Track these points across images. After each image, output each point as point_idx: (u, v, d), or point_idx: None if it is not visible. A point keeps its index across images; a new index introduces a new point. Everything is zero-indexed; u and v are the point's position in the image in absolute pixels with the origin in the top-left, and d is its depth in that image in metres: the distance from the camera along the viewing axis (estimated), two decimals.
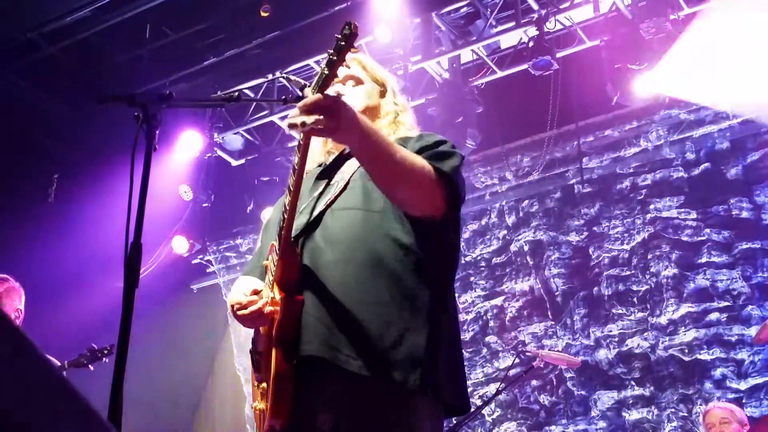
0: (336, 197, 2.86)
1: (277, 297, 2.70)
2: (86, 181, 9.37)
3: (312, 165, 3.14)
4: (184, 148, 9.07)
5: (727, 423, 6.11)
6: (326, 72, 2.55)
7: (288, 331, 2.66)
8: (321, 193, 2.94)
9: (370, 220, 2.77)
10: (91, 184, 9.19)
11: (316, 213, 2.85)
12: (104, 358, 6.04)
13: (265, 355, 2.77)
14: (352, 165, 2.95)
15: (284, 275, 2.74)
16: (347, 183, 2.89)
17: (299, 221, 2.85)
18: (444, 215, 2.82)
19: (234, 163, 9.70)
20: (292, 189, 2.70)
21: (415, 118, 3.40)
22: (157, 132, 2.83)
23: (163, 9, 8.69)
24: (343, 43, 2.54)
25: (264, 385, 2.79)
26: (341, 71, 2.86)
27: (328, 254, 2.75)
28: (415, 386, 2.54)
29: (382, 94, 3.27)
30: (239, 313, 2.79)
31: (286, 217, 2.71)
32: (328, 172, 3.03)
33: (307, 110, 2.47)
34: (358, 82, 3.21)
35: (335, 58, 2.55)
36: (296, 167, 2.70)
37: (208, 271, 11.15)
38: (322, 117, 2.46)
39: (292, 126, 2.51)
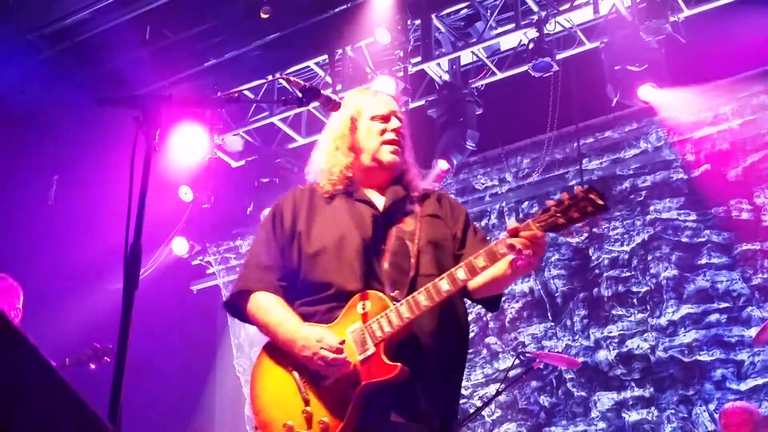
0: (417, 261, 3.17)
1: (385, 359, 2.96)
2: (86, 183, 9.37)
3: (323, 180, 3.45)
4: (184, 150, 9.06)
5: (746, 424, 6.08)
6: (561, 222, 2.90)
7: (383, 391, 2.96)
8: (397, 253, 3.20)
9: (416, 302, 3.05)
10: (91, 186, 9.19)
11: (410, 276, 3.14)
12: (106, 357, 6.02)
13: (334, 393, 2.99)
14: (411, 224, 3.26)
15: (393, 342, 3.01)
16: (418, 248, 3.20)
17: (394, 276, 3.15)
18: None
19: (234, 164, 9.69)
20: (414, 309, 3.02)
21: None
22: (157, 133, 2.83)
23: (164, 11, 8.69)
24: (590, 210, 2.92)
25: (312, 411, 2.98)
26: (394, 122, 3.35)
27: (426, 324, 3.08)
28: None
29: None
30: (318, 362, 2.97)
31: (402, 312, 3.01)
32: (386, 221, 3.27)
33: (538, 247, 2.91)
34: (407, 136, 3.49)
35: (573, 217, 2.91)
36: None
37: (207, 272, 11.15)
38: (536, 257, 2.92)
39: (511, 247, 2.91)
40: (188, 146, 9.08)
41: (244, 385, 10.84)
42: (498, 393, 6.53)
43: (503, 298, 8.92)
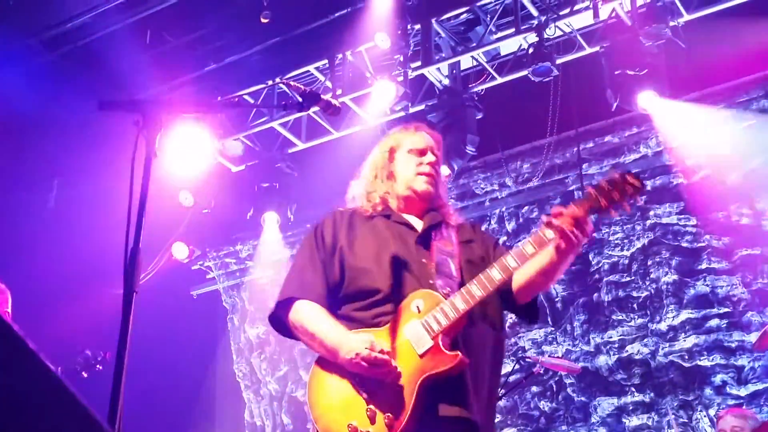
0: (461, 273, 3.31)
1: (445, 350, 3.06)
2: (86, 187, 9.37)
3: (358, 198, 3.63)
4: (185, 154, 9.05)
5: (741, 430, 6.07)
6: (603, 204, 3.12)
7: (445, 384, 3.05)
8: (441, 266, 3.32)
9: (491, 301, 3.23)
10: (92, 190, 9.19)
11: (457, 282, 3.25)
12: (98, 365, 5.96)
13: (395, 389, 3.06)
14: (450, 245, 3.41)
15: (450, 334, 3.11)
16: (459, 265, 3.35)
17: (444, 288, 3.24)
18: None
19: (234, 169, 9.69)
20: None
21: None
22: (158, 138, 2.83)
23: (164, 15, 8.69)
24: (630, 191, 3.12)
25: (376, 409, 3.05)
26: (429, 156, 3.55)
27: (478, 326, 3.22)
28: None
29: None
30: (362, 363, 3.05)
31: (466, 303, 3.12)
32: (426, 241, 3.42)
33: (582, 228, 3.10)
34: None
35: (614, 199, 3.11)
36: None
37: (207, 277, 11.15)
38: (581, 236, 3.10)
39: (549, 225, 3.10)
40: (188, 151, 9.08)
41: (244, 390, 10.85)
42: (498, 398, 6.51)
43: None
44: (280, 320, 3.40)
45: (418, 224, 3.50)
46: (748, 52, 7.65)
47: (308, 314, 3.28)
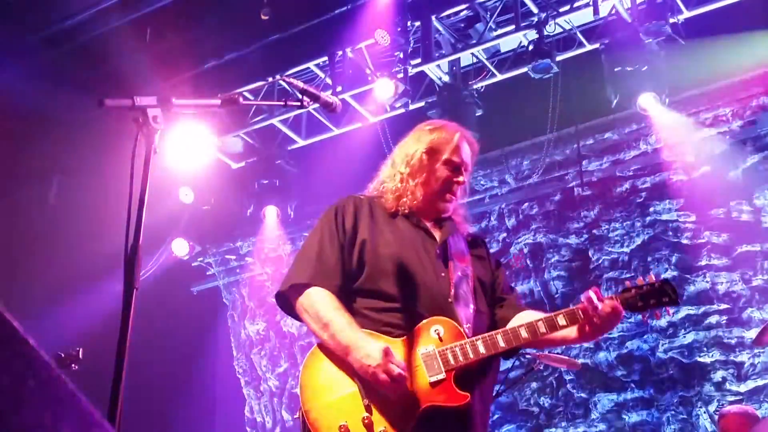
0: (474, 297, 3.37)
1: (456, 388, 3.09)
2: (86, 184, 9.37)
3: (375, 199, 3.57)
4: (185, 151, 9.05)
5: (743, 426, 6.06)
6: (639, 304, 3.27)
7: (448, 417, 3.07)
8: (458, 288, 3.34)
9: (494, 342, 3.22)
10: (92, 187, 9.19)
11: (472, 310, 3.32)
12: (73, 364, 5.87)
13: (397, 407, 3.06)
14: (464, 260, 3.43)
15: (462, 372, 3.13)
16: (474, 285, 3.39)
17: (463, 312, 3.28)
18: None
19: (234, 165, 9.70)
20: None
21: None
22: (157, 135, 2.83)
23: (164, 13, 8.69)
24: (665, 300, 3.27)
25: (373, 420, 3.04)
26: (462, 175, 3.56)
27: (487, 366, 3.26)
28: None
29: None
30: (382, 376, 3.03)
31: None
32: (444, 253, 3.42)
33: (613, 317, 3.20)
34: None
35: (650, 303, 3.28)
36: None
37: (207, 273, 11.15)
38: (609, 328, 3.25)
39: (585, 310, 3.20)
40: (188, 148, 9.08)
41: (244, 386, 10.85)
42: (498, 394, 6.50)
43: None
44: (286, 298, 3.35)
45: (435, 232, 3.49)
46: (747, 49, 7.66)
47: (324, 302, 3.22)
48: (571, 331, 3.30)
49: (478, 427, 3.15)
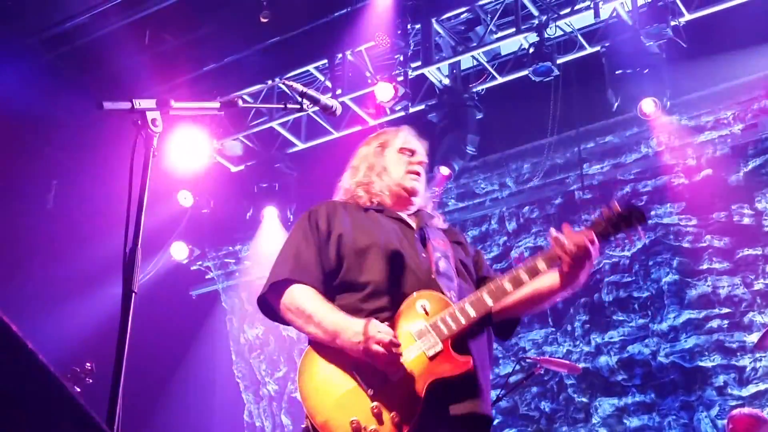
0: (457, 273, 3.36)
1: (456, 355, 3.07)
2: (85, 187, 9.36)
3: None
4: (184, 155, 9.04)
5: (753, 429, 6.03)
6: (609, 230, 3.28)
7: (455, 384, 3.05)
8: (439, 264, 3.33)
9: (480, 301, 3.19)
10: (90, 190, 9.18)
11: (456, 284, 3.30)
12: (87, 378, 5.89)
13: (401, 388, 3.02)
14: (443, 245, 3.44)
15: (458, 339, 3.11)
16: (455, 265, 3.38)
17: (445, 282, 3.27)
18: None
19: (233, 169, 9.68)
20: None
21: None
22: (156, 138, 2.82)
23: (163, 15, 8.68)
24: (636, 221, 3.30)
25: (382, 407, 2.99)
26: (418, 157, 3.67)
27: (480, 328, 3.24)
28: None
29: None
30: (372, 347, 2.99)
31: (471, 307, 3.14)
32: (422, 238, 3.44)
33: (588, 251, 3.18)
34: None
35: (620, 230, 3.28)
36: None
37: (207, 277, 11.14)
38: (589, 259, 3.21)
39: (557, 241, 3.18)
40: (188, 151, 9.06)
41: (243, 390, 10.83)
42: (499, 399, 6.50)
43: None
44: (268, 302, 3.32)
45: (411, 220, 3.52)
46: (749, 52, 7.64)
47: (305, 296, 3.19)
48: (555, 278, 3.28)
49: (483, 386, 3.14)
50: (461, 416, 3.05)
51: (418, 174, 3.62)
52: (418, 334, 3.09)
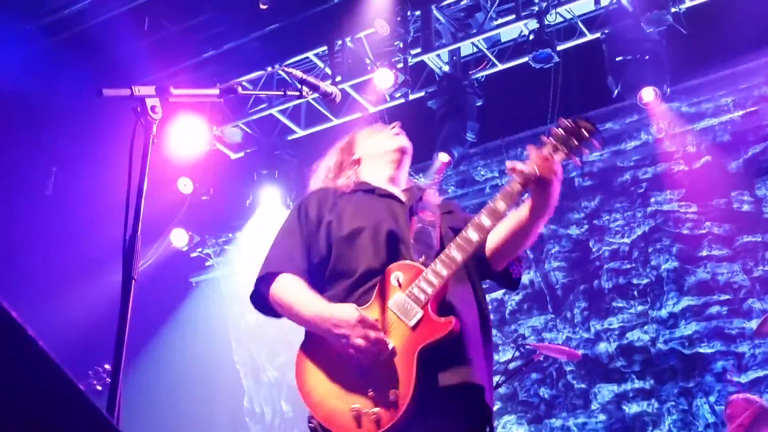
0: (440, 241, 3.26)
1: (437, 318, 2.99)
2: (85, 174, 9.36)
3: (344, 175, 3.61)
4: (183, 141, 9.03)
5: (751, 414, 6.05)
6: (562, 150, 3.11)
7: (444, 351, 2.98)
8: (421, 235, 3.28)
9: (449, 257, 3.10)
10: (90, 177, 9.17)
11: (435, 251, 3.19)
12: (107, 378, 5.95)
13: (393, 365, 2.97)
14: (431, 216, 3.35)
15: (437, 302, 3.05)
16: (441, 233, 3.30)
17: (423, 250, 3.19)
18: None
19: (233, 156, 9.67)
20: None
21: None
22: (156, 125, 2.81)
23: (163, 1, 8.66)
24: (586, 134, 3.15)
25: (378, 388, 2.95)
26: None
27: (460, 287, 3.17)
28: None
29: None
30: (357, 344, 2.95)
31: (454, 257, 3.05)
32: (411, 213, 3.36)
33: (547, 169, 3.07)
34: None
35: (573, 146, 3.13)
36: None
37: (207, 264, 11.13)
38: (551, 177, 3.09)
39: (514, 171, 3.09)
40: (187, 138, 9.04)
41: (244, 377, 10.85)
42: (498, 385, 6.50)
43: (503, 291, 8.99)
44: (261, 297, 3.30)
45: (402, 197, 3.47)
46: (749, 39, 7.62)
47: (290, 285, 3.17)
48: (520, 214, 3.21)
49: (472, 350, 3.08)
50: (452, 387, 3.00)
51: (401, 133, 3.65)
52: (397, 307, 3.03)
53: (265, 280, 3.25)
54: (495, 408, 8.80)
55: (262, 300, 3.30)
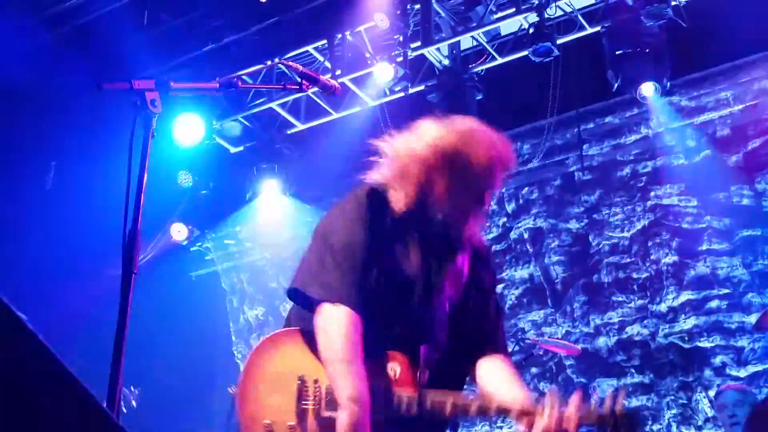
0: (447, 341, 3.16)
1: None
2: (84, 168, 9.34)
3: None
4: (183, 135, 9.02)
5: (740, 405, 6.07)
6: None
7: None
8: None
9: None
10: (90, 171, 9.16)
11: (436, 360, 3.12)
12: (133, 401, 5.98)
13: (328, 424, 2.87)
14: (459, 276, 3.18)
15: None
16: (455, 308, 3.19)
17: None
18: None
19: (233, 150, 9.67)
20: None
21: None
22: (156, 119, 2.81)
23: None
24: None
25: (299, 430, 2.88)
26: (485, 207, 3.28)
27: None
28: None
29: None
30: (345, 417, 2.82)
31: None
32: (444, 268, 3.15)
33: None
34: None
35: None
36: None
37: (206, 258, 11.14)
38: None
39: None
40: (187, 132, 9.04)
41: None
42: None
43: (503, 285, 8.99)
44: (306, 300, 3.09)
45: (452, 244, 3.20)
46: (749, 32, 7.61)
47: (345, 330, 2.93)
48: (508, 396, 3.15)
49: None
50: None
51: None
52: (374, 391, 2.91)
53: (322, 299, 3.03)
54: None
55: (303, 299, 3.13)
